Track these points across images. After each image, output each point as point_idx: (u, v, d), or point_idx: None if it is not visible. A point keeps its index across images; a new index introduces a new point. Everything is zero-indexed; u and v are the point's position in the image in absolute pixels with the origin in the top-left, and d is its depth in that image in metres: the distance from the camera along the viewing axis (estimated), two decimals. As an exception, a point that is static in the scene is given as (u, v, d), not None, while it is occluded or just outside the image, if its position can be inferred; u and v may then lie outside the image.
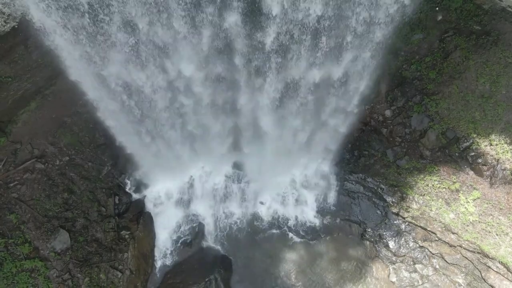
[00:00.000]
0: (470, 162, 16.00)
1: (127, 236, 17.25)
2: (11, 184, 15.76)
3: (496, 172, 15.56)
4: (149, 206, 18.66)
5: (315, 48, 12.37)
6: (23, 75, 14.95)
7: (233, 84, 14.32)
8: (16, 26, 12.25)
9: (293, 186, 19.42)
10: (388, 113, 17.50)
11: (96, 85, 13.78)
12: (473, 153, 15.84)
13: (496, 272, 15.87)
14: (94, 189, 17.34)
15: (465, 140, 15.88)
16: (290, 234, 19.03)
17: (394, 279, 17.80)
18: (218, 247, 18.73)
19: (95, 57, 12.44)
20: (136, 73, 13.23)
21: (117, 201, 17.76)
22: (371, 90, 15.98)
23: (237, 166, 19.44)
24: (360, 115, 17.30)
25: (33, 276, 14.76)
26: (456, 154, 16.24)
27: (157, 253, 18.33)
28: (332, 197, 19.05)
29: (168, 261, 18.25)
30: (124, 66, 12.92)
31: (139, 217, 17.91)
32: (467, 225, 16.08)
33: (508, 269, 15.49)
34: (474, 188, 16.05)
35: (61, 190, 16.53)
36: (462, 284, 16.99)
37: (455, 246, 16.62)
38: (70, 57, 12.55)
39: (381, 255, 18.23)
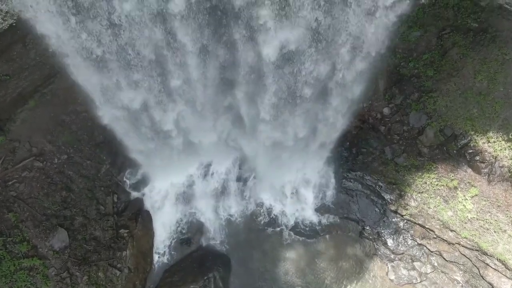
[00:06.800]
0: (468, 159, 16.02)
1: (125, 235, 17.27)
2: (10, 183, 15.77)
3: (494, 169, 15.59)
4: (148, 204, 18.65)
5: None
6: (21, 73, 15.04)
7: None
8: (14, 24, 12.32)
9: (291, 184, 19.41)
10: (386, 110, 17.54)
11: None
12: (471, 151, 15.87)
13: (494, 269, 15.89)
14: (93, 187, 17.36)
15: (463, 138, 15.90)
16: (289, 233, 19.00)
17: (392, 277, 17.81)
18: (217, 245, 18.71)
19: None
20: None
21: (115, 200, 17.78)
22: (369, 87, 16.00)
23: (236, 164, 19.47)
24: (358, 113, 17.39)
25: (32, 275, 14.78)
26: (454, 151, 16.26)
27: (156, 251, 18.33)
28: (330, 195, 19.06)
29: (167, 259, 18.23)
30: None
31: (137, 216, 17.93)
32: (465, 223, 16.10)
33: (506, 266, 15.51)
34: (472, 186, 16.08)
35: (59, 188, 16.55)
36: (461, 282, 17.01)
37: (453, 244, 16.65)
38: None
39: (379, 253, 18.25)
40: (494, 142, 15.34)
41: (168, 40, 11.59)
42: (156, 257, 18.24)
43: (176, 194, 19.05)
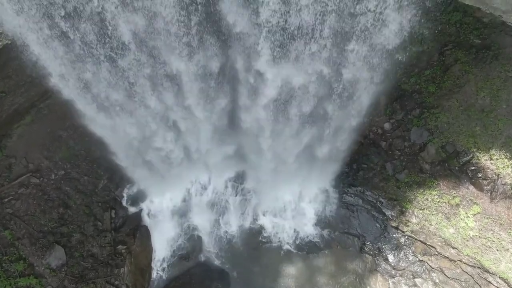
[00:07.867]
0: (470, 176, 15.80)
1: (123, 251, 17.05)
2: (6, 200, 15.61)
3: (496, 186, 15.37)
4: (146, 220, 18.41)
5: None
6: (17, 90, 14.81)
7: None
8: (10, 43, 12.10)
9: (292, 199, 19.19)
10: (387, 126, 17.31)
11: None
12: (473, 168, 15.65)
13: (497, 287, 15.68)
14: (90, 203, 17.14)
15: (465, 154, 15.68)
16: (289, 248, 18.78)
17: (393, 293, 17.61)
18: (216, 261, 18.50)
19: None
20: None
21: (113, 215, 17.54)
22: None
23: (235, 178, 19.23)
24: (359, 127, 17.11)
25: (28, 294, 14.62)
26: (456, 168, 16.03)
27: (154, 267, 18.08)
28: (331, 210, 18.83)
29: (165, 275, 18.01)
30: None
31: (135, 231, 17.70)
32: (467, 240, 15.89)
33: (508, 284, 15.29)
34: (474, 203, 15.85)
35: (56, 204, 16.35)
36: (462, 299, 16.82)
37: (455, 261, 16.43)
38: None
39: (380, 268, 18.02)
40: (497, 159, 15.12)
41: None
42: (154, 273, 18.02)
43: (175, 209, 18.83)
